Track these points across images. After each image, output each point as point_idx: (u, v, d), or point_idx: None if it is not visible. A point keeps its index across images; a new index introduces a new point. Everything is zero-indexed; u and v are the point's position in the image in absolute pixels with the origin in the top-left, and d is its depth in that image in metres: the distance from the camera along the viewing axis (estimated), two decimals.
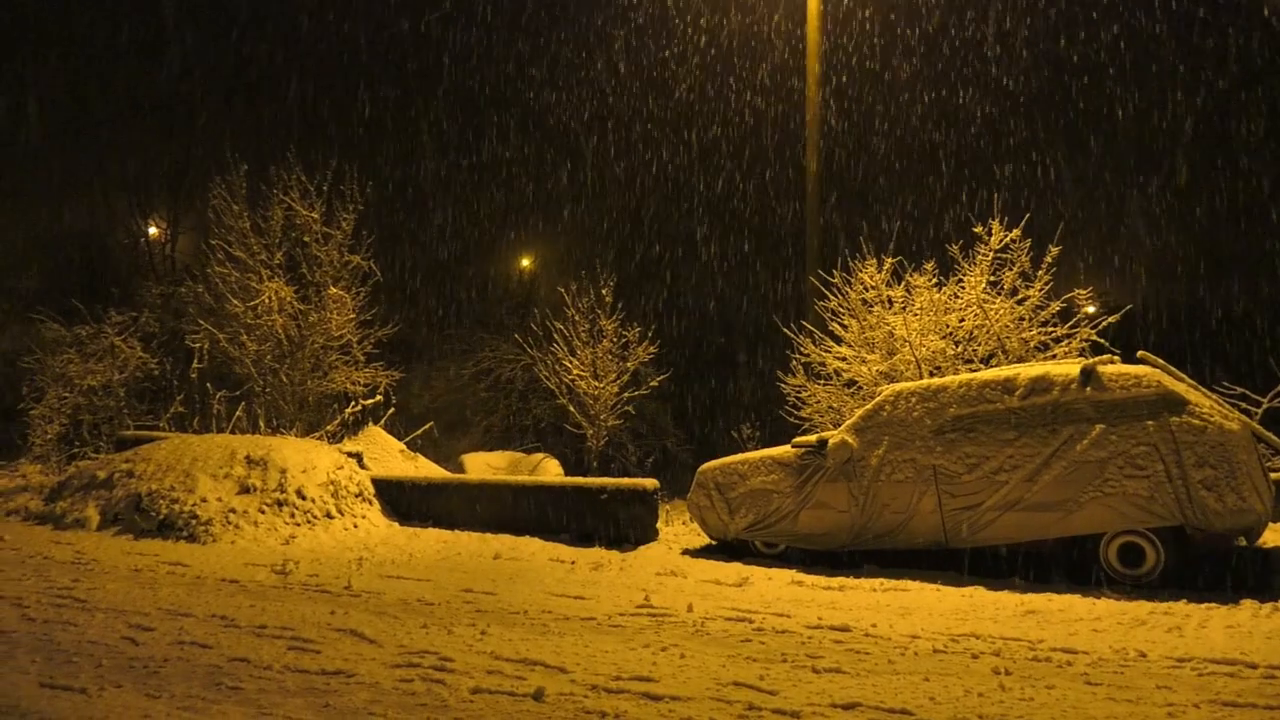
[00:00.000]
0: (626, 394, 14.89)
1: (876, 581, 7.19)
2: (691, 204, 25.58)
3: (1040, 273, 10.03)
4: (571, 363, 14.64)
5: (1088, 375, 7.12)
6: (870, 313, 10.76)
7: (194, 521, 9.16)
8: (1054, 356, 9.69)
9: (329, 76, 30.00)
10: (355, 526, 9.76)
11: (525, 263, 28.83)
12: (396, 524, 10.15)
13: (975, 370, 9.16)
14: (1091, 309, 10.37)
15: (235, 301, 13.23)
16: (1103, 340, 9.47)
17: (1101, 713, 4.09)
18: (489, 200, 27.86)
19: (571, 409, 14.92)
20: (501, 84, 27.82)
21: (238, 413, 13.20)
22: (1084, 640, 5.31)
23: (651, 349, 14.88)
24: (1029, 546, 7.27)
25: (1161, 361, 7.46)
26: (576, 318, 14.74)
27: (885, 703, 4.22)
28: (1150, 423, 6.81)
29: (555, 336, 14.80)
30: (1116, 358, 7.88)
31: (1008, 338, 10.01)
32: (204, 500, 9.42)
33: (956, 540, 7.41)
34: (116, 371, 14.38)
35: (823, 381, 11.18)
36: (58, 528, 9.59)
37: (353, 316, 13.76)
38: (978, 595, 6.63)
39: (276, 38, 32.67)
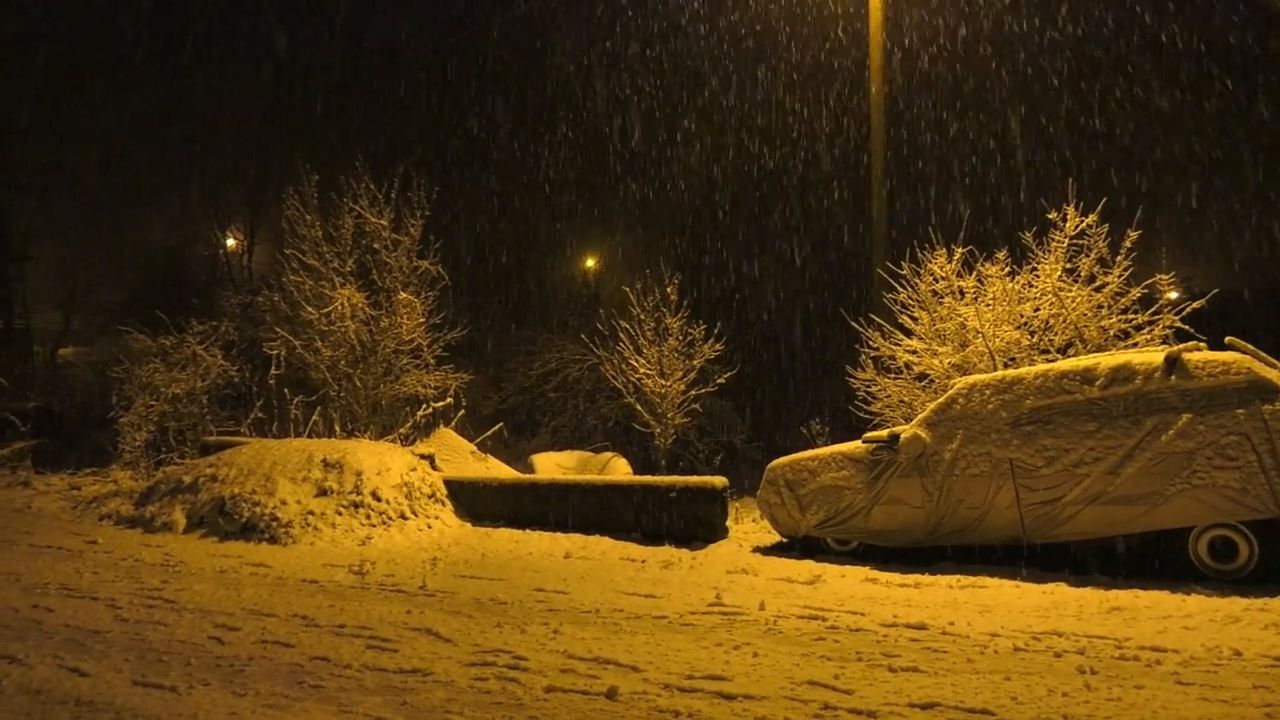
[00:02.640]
0: (693, 392, 14.85)
1: (953, 578, 7.04)
2: (757, 198, 25.37)
3: (1119, 258, 9.71)
4: (638, 362, 14.66)
5: (1172, 363, 6.87)
6: (941, 304, 10.55)
7: (275, 524, 9.41)
8: (1135, 345, 9.37)
9: (393, 80, 30.59)
10: (429, 527, 9.93)
11: (590, 263, 29.00)
12: (469, 524, 10.30)
13: (1052, 360, 8.90)
14: (1174, 294, 9.99)
15: (310, 309, 13.57)
16: (1187, 327, 9.12)
17: (1194, 714, 3.94)
18: (554, 201, 28.08)
19: (639, 408, 14.94)
20: (565, 81, 27.96)
21: (314, 417, 13.53)
22: (1174, 638, 5.12)
23: (717, 346, 14.82)
24: (1112, 541, 7.04)
25: (1251, 347, 7.15)
26: (642, 316, 14.75)
27: (965, 702, 4.12)
28: (1240, 411, 6.54)
29: (621, 336, 14.83)
30: (1203, 344, 7.58)
31: (1086, 326, 9.71)
32: (284, 503, 9.68)
33: (1036, 535, 7.22)
34: (199, 379, 14.85)
35: (893, 375, 10.99)
36: (147, 531, 9.95)
37: (422, 321, 14.00)
38: (1060, 592, 6.45)
39: (339, 44, 33.43)
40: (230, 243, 30.67)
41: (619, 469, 13.85)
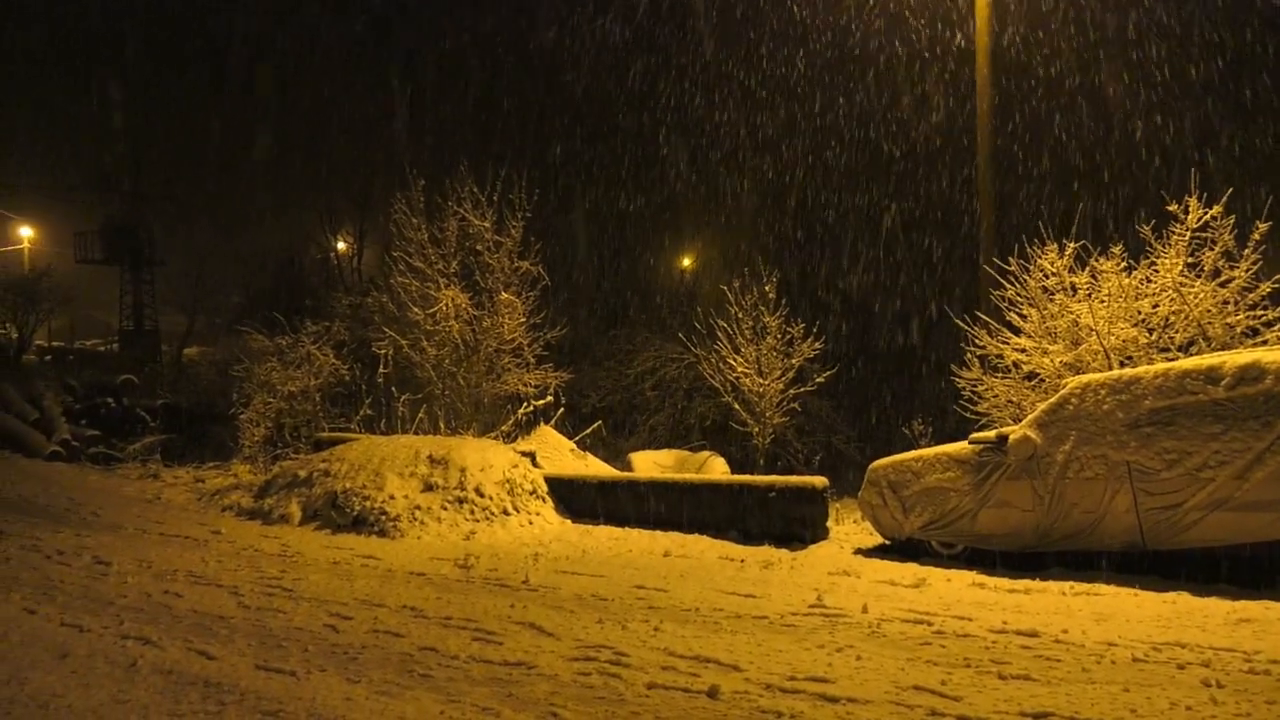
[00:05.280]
0: (792, 391, 14.70)
1: (1066, 585, 6.79)
2: (859, 194, 24.86)
3: (1247, 251, 9.19)
4: (735, 360, 14.60)
5: None
6: (1052, 301, 10.17)
7: (384, 517, 9.74)
8: (1265, 343, 8.85)
9: (495, 82, 31.20)
10: (530, 523, 10.11)
11: (686, 262, 29.00)
12: (569, 521, 10.44)
13: (1172, 359, 8.50)
14: None
15: (416, 309, 13.98)
16: None
17: None
18: (652, 200, 28.15)
19: (736, 407, 14.88)
20: (662, 80, 27.94)
21: (420, 415, 13.93)
22: None
23: (816, 345, 14.63)
24: (1240, 549, 6.67)
25: None
26: (740, 315, 14.68)
27: (1080, 713, 3.98)
28: None
29: (719, 334, 14.79)
30: None
31: (1209, 323, 9.23)
32: (392, 498, 10.01)
33: (1155, 542, 6.90)
34: (312, 378, 15.46)
35: (1000, 375, 10.66)
36: (265, 522, 10.43)
37: (523, 320, 14.24)
38: (1182, 601, 6.15)
39: (448, 52, 34.28)
40: (341, 246, 31.90)
41: (717, 468, 13.83)
